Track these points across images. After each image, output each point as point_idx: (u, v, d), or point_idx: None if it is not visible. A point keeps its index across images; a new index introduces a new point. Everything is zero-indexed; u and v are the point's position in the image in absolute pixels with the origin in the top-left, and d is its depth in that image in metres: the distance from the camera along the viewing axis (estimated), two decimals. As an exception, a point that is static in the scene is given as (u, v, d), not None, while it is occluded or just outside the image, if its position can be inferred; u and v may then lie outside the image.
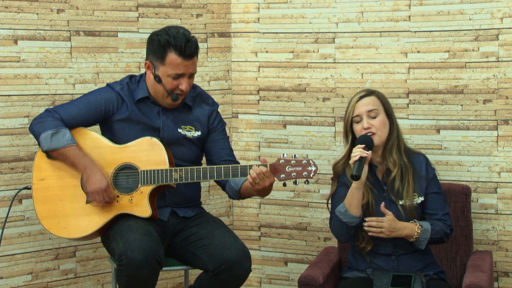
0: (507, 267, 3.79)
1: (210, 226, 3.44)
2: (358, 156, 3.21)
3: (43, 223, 3.43)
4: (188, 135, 3.50)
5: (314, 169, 3.26)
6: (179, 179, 3.34)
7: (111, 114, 3.46)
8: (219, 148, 3.56)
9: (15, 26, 3.70)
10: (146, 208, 3.36)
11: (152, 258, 3.18)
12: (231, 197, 3.54)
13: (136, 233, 3.22)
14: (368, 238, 3.36)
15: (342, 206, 3.32)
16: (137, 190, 3.38)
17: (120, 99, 3.46)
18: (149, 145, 3.40)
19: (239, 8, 4.21)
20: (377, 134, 3.32)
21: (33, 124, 3.43)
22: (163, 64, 3.37)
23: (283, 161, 3.27)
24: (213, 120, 3.57)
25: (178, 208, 3.50)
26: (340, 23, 4.01)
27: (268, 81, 4.19)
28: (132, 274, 3.17)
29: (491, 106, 3.76)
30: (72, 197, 3.42)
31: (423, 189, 3.38)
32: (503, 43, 3.71)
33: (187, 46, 3.34)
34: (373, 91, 3.40)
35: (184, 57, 3.35)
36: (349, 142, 3.39)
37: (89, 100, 3.47)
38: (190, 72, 3.40)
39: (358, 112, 3.34)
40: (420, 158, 3.43)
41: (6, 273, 3.74)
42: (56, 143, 3.37)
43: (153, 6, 4.03)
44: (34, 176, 3.45)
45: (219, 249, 3.29)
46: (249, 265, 3.32)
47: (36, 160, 3.46)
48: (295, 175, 3.27)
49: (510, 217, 3.77)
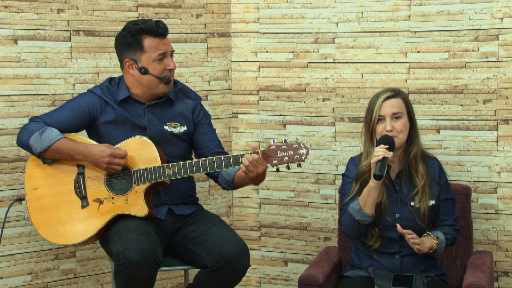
0: (507, 267, 3.79)
1: (208, 223, 3.45)
2: (382, 156, 3.21)
3: (41, 233, 3.43)
4: (174, 131, 3.50)
5: (306, 151, 3.26)
6: (173, 174, 3.35)
7: (96, 117, 3.47)
8: (207, 141, 3.57)
9: (15, 26, 3.70)
10: (142, 207, 3.37)
11: (150, 257, 3.18)
12: (224, 188, 3.55)
13: (133, 233, 3.23)
14: (377, 236, 3.36)
15: (356, 204, 3.31)
16: (132, 190, 3.38)
17: (103, 101, 3.47)
18: (139, 144, 3.41)
19: (239, 8, 4.21)
20: (398, 137, 3.31)
21: (19, 135, 3.45)
22: (143, 52, 3.41)
23: (274, 147, 3.28)
24: (198, 114, 3.58)
25: (175, 206, 3.51)
26: (340, 23, 4.01)
27: (268, 81, 4.19)
28: (130, 274, 3.17)
29: (491, 106, 3.76)
30: (67, 203, 3.42)
31: (435, 193, 3.39)
32: (503, 43, 3.71)
33: (158, 26, 3.42)
34: (399, 91, 3.38)
35: (160, 37, 3.42)
36: (374, 143, 3.35)
37: (72, 105, 3.48)
38: (171, 49, 3.45)
39: (383, 112, 3.32)
40: (433, 162, 3.44)
41: (6, 273, 3.74)
42: (47, 140, 3.37)
43: (153, 6, 4.02)
44: (27, 186, 3.46)
45: (217, 245, 3.30)
46: (247, 261, 3.32)
47: (27, 171, 3.46)
48: (287, 159, 3.27)
49: (510, 217, 3.77)
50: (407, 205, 3.36)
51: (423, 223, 3.35)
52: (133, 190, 3.38)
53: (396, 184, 3.38)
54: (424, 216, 3.35)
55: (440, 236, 3.33)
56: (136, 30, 3.41)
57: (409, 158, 3.37)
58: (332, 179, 4.07)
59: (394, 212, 3.36)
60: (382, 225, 3.36)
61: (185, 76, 4.10)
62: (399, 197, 3.37)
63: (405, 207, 3.36)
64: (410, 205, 3.36)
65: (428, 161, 3.42)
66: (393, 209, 3.36)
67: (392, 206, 3.36)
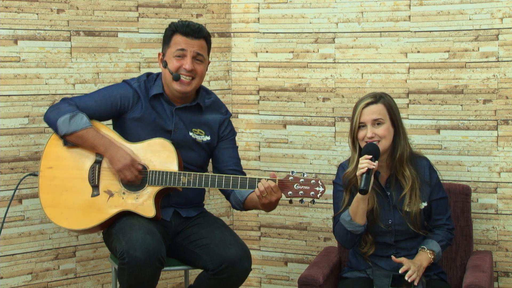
0: (507, 267, 3.79)
1: (211, 226, 3.44)
2: (366, 168, 3.18)
3: (46, 211, 3.42)
4: (198, 139, 3.50)
5: (322, 190, 3.25)
6: (187, 183, 3.34)
7: (125, 111, 3.46)
8: (227, 157, 3.56)
9: (15, 26, 3.70)
10: (150, 208, 3.36)
11: (154, 257, 3.18)
12: (234, 207, 3.53)
13: (138, 231, 3.22)
14: (370, 242, 3.36)
15: (347, 215, 3.30)
16: (144, 190, 3.38)
17: (136, 96, 3.47)
18: (161, 146, 3.40)
19: (239, 8, 4.21)
20: (381, 142, 3.29)
21: (48, 112, 3.44)
22: (169, 47, 3.44)
23: (292, 178, 3.27)
24: (225, 129, 3.58)
25: (181, 208, 3.51)
26: (340, 23, 4.01)
27: (268, 81, 4.19)
28: (134, 273, 3.16)
29: (491, 106, 3.76)
30: (77, 190, 3.41)
31: (427, 195, 3.37)
32: (503, 43, 3.71)
33: (190, 25, 3.43)
34: (380, 97, 3.34)
35: (187, 36, 3.42)
36: (357, 149, 3.35)
37: (105, 94, 3.48)
38: (194, 50, 3.42)
39: (363, 119, 3.30)
40: (423, 162, 3.41)
41: (6, 273, 3.74)
42: (75, 125, 3.37)
43: (153, 6, 4.03)
44: (42, 163, 3.45)
45: (219, 248, 3.29)
46: (249, 264, 3.32)
47: (46, 148, 3.46)
48: (302, 193, 3.26)
49: (510, 217, 3.77)
50: (398, 210, 3.35)
51: (415, 227, 3.34)
52: (145, 190, 3.38)
53: (386, 189, 3.37)
54: (416, 219, 3.33)
55: (435, 249, 3.32)
56: (172, 26, 3.46)
57: (394, 161, 3.35)
58: (332, 179, 4.07)
59: (387, 218, 3.35)
60: (376, 231, 3.36)
61: (185, 76, 4.10)
62: (390, 202, 3.36)
63: (397, 213, 3.35)
64: (402, 210, 3.35)
65: (417, 162, 3.39)
66: (386, 215, 3.35)
67: (385, 212, 3.35)
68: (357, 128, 3.32)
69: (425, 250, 3.32)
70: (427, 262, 3.29)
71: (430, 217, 3.40)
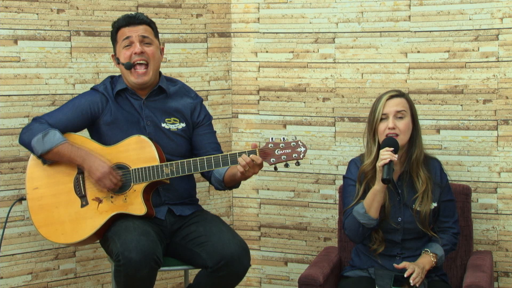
0: (507, 267, 3.79)
1: (208, 224, 3.45)
2: (388, 159, 3.18)
3: (41, 232, 3.43)
4: (172, 128, 3.51)
5: (304, 149, 3.28)
6: (171, 173, 3.36)
7: (97, 116, 3.49)
8: (205, 143, 3.58)
9: (15, 26, 3.70)
10: (140, 206, 3.37)
11: (150, 257, 3.18)
12: (217, 188, 3.55)
13: (133, 233, 3.23)
14: (380, 240, 3.36)
15: (361, 207, 3.29)
16: (130, 189, 3.39)
17: (104, 99, 3.50)
18: (138, 143, 3.42)
19: (239, 8, 4.21)
20: (400, 137, 3.30)
21: (22, 134, 3.46)
22: (117, 42, 3.50)
23: (272, 145, 3.29)
24: (198, 114, 3.59)
25: (175, 206, 3.51)
26: (340, 23, 4.01)
27: (268, 81, 4.19)
28: (130, 274, 3.17)
29: (491, 106, 3.76)
30: (66, 203, 3.42)
31: (437, 195, 3.38)
32: (503, 43, 3.71)
33: (129, 15, 3.51)
34: (403, 93, 3.38)
35: (129, 25, 3.48)
36: (376, 142, 3.34)
37: (73, 104, 3.50)
38: (139, 34, 3.46)
39: (386, 110, 3.31)
40: (434, 164, 3.43)
41: (6, 273, 3.74)
42: (49, 143, 3.37)
43: (153, 6, 4.02)
44: (28, 186, 3.46)
45: (218, 245, 3.30)
46: (248, 261, 3.32)
47: (28, 171, 3.47)
48: (285, 157, 3.28)
49: (510, 217, 3.77)
50: (409, 208, 3.36)
51: (423, 227, 3.34)
52: (132, 189, 3.39)
53: (398, 186, 3.37)
54: (425, 219, 3.34)
55: (438, 252, 3.32)
56: (114, 25, 3.52)
57: (410, 160, 3.36)
58: (332, 179, 4.07)
59: (397, 215, 3.35)
60: (384, 228, 3.36)
61: (185, 76, 4.10)
62: (401, 200, 3.37)
63: (407, 211, 3.36)
64: (412, 208, 3.35)
65: (429, 163, 3.41)
66: (396, 213, 3.35)
67: (395, 209, 3.35)
68: (378, 120, 3.32)
69: (428, 253, 3.32)
70: (430, 266, 3.29)
71: (437, 219, 3.41)
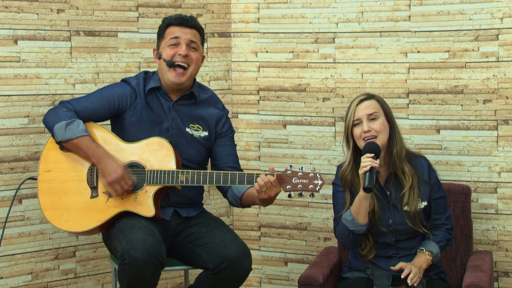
0: (507, 267, 3.79)
1: (211, 225, 3.45)
2: (369, 166, 3.18)
3: (46, 214, 3.42)
4: (195, 135, 3.51)
5: (321, 182, 3.26)
6: (185, 181, 3.34)
7: (123, 110, 3.47)
8: (225, 154, 3.56)
9: (15, 26, 3.70)
10: (150, 208, 3.36)
11: (155, 257, 3.18)
12: (231, 204, 3.53)
13: (139, 232, 3.22)
14: (371, 246, 3.36)
15: (349, 214, 3.29)
16: (142, 189, 3.38)
17: (134, 94, 3.48)
18: (158, 145, 3.41)
19: (239, 8, 4.21)
20: (378, 137, 3.29)
21: (47, 116, 3.44)
22: (163, 38, 3.48)
23: (290, 172, 3.27)
24: (223, 125, 3.58)
25: (181, 208, 3.51)
26: (340, 23, 4.01)
27: (268, 81, 4.19)
28: (135, 273, 3.16)
29: (491, 106, 3.76)
30: (76, 191, 3.41)
31: (426, 194, 3.37)
32: (503, 43, 3.71)
33: (182, 16, 3.50)
34: (372, 95, 3.37)
35: (180, 25, 3.47)
36: (351, 147, 3.35)
37: (102, 95, 3.48)
38: (188, 38, 3.46)
39: (358, 115, 3.31)
40: (421, 161, 3.41)
41: (6, 273, 3.74)
42: (70, 133, 3.37)
43: (153, 6, 4.03)
44: (41, 167, 3.45)
45: (219, 247, 3.29)
46: (249, 263, 3.32)
47: (44, 151, 3.45)
48: (301, 187, 3.26)
49: (510, 217, 3.77)
50: (398, 209, 3.35)
51: (414, 225, 3.34)
52: (144, 190, 3.38)
53: (386, 189, 3.37)
54: (415, 218, 3.33)
55: (434, 250, 3.32)
56: (165, 20, 3.51)
57: (391, 157, 3.35)
58: (332, 179, 4.07)
59: (387, 218, 3.35)
60: (376, 232, 3.35)
61: (185, 76, 4.10)
62: (390, 202, 3.36)
63: (397, 212, 3.35)
64: (401, 208, 3.35)
65: (415, 161, 3.39)
66: (386, 215, 3.35)
67: (385, 212, 3.35)
68: (351, 126, 3.32)
69: (423, 252, 3.31)
70: (426, 264, 3.29)
71: (429, 217, 3.40)
